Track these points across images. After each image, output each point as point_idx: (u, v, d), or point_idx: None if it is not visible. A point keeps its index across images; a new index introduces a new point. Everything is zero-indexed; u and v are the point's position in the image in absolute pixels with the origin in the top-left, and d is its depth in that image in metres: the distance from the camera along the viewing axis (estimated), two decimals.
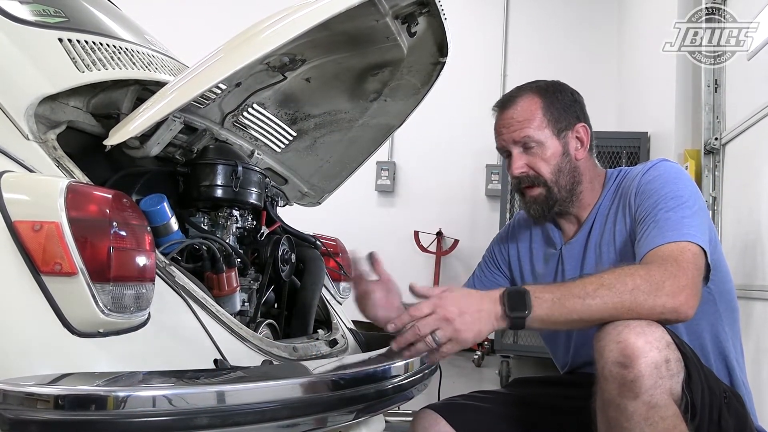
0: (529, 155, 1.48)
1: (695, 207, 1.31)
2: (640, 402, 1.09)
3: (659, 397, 1.09)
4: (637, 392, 1.09)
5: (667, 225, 1.28)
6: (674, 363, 1.11)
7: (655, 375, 1.09)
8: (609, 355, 1.12)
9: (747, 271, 2.80)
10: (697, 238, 1.25)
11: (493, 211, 5.92)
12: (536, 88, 1.52)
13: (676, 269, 1.19)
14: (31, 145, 1.28)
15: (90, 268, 1.06)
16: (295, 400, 1.11)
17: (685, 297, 1.17)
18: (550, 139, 1.48)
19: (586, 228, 1.52)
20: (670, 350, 1.11)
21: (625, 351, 1.10)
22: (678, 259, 1.21)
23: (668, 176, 1.38)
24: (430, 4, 1.60)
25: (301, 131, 2.07)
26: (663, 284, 1.16)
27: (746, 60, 3.06)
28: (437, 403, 1.53)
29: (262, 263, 1.79)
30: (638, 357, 1.09)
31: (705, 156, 3.41)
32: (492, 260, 1.72)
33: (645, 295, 1.16)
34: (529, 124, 1.47)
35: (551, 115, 1.49)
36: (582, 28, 6.32)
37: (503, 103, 1.53)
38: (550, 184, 1.48)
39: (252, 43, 1.33)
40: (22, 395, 0.90)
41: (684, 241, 1.24)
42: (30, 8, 1.47)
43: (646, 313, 1.15)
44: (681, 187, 1.35)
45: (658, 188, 1.36)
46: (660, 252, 1.24)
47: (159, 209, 1.48)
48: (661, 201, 1.33)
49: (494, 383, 4.33)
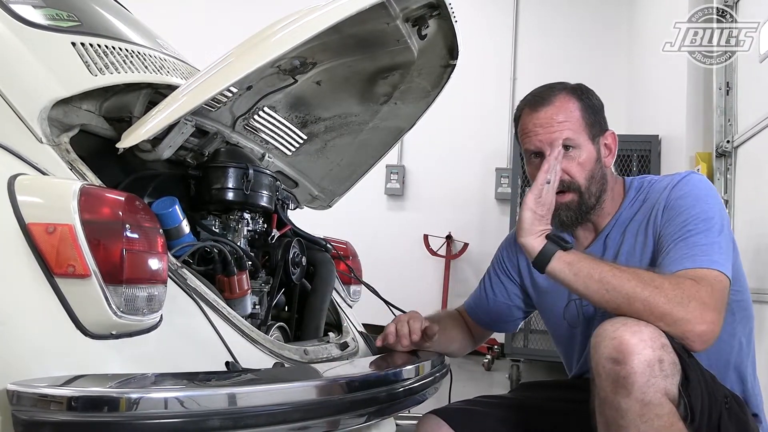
0: (565, 158, 1.41)
1: (724, 229, 1.30)
2: (633, 399, 1.09)
3: (653, 396, 1.09)
4: (630, 389, 1.09)
5: (698, 249, 1.26)
6: (668, 364, 1.11)
7: (648, 373, 1.09)
8: (603, 350, 1.13)
9: (760, 274, 2.78)
10: (725, 267, 1.24)
11: (502, 215, 5.91)
12: (570, 89, 1.46)
13: (708, 297, 1.17)
14: (44, 148, 1.29)
15: (103, 270, 1.06)
16: (307, 402, 1.11)
17: (705, 328, 1.16)
18: (586, 143, 1.42)
19: (603, 236, 1.49)
20: (664, 351, 1.11)
21: (619, 347, 1.11)
22: (713, 287, 1.19)
23: (699, 194, 1.35)
24: (440, 7, 1.59)
25: (312, 134, 2.08)
26: (689, 301, 1.16)
27: (758, 62, 3.04)
28: (441, 408, 1.53)
29: (272, 266, 1.79)
30: (631, 354, 1.10)
31: (717, 159, 3.39)
32: (501, 267, 1.70)
33: (665, 299, 1.16)
34: (569, 126, 1.41)
35: (587, 118, 1.43)
36: (592, 30, 6.30)
37: (536, 101, 1.44)
38: (583, 190, 1.43)
39: (263, 47, 1.34)
40: (35, 396, 0.90)
41: (716, 270, 1.22)
42: (43, 12, 1.49)
43: (656, 316, 1.15)
44: (712, 207, 1.32)
45: (688, 207, 1.33)
46: (692, 274, 1.22)
47: (171, 212, 1.48)
48: (691, 221, 1.30)
49: (504, 387, 4.32)
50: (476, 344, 1.78)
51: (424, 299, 5.43)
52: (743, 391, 1.38)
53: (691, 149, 3.70)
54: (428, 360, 1.49)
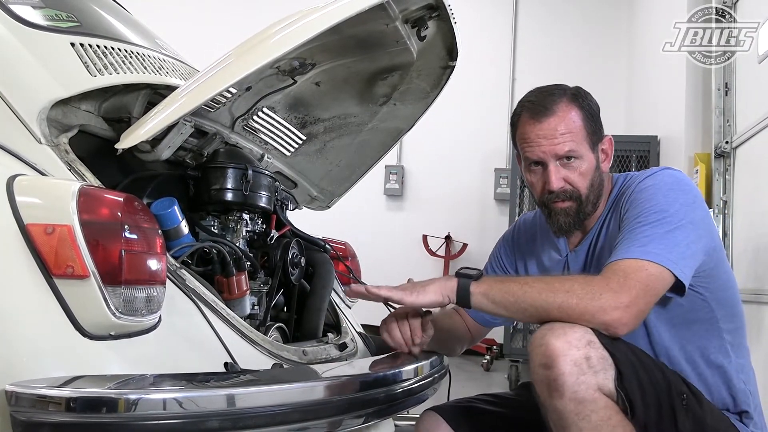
0: (567, 169, 1.41)
1: (680, 222, 1.28)
2: (567, 399, 1.12)
3: (584, 393, 1.12)
4: (562, 391, 1.12)
5: (636, 240, 1.27)
6: (596, 360, 1.13)
7: (576, 372, 1.12)
8: (534, 358, 1.17)
9: (758, 275, 2.79)
10: (661, 257, 1.23)
11: (501, 215, 5.92)
12: (571, 96, 1.43)
13: (620, 286, 1.20)
14: (43, 149, 1.29)
15: (102, 270, 1.06)
16: (305, 403, 1.11)
17: (620, 315, 1.18)
18: (587, 152, 1.42)
19: (591, 235, 1.50)
20: (591, 347, 1.14)
21: (546, 352, 1.14)
22: (628, 276, 1.21)
23: (661, 187, 1.34)
24: (440, 8, 1.60)
25: (311, 135, 2.08)
26: (600, 296, 1.19)
27: (757, 63, 3.05)
28: (441, 405, 1.53)
29: (271, 267, 1.79)
30: (558, 356, 1.13)
31: (716, 159, 3.39)
32: (499, 263, 1.71)
33: (577, 299, 1.19)
34: (573, 137, 1.39)
35: (589, 126, 1.42)
36: (591, 31, 6.31)
37: (538, 110, 1.42)
38: (583, 199, 1.43)
39: (262, 48, 1.34)
40: (34, 397, 0.90)
41: (645, 260, 1.23)
42: (43, 13, 1.49)
43: (575, 318, 1.19)
44: (670, 201, 1.31)
45: (646, 199, 1.34)
46: (615, 266, 1.25)
47: (170, 212, 1.48)
48: (642, 213, 1.31)
49: (503, 387, 4.32)
50: (473, 342, 1.77)
51: None
52: (729, 388, 1.37)
53: (690, 150, 3.70)
54: (427, 361, 1.49)
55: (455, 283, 1.33)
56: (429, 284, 1.36)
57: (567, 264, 1.54)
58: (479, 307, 1.32)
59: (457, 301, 1.33)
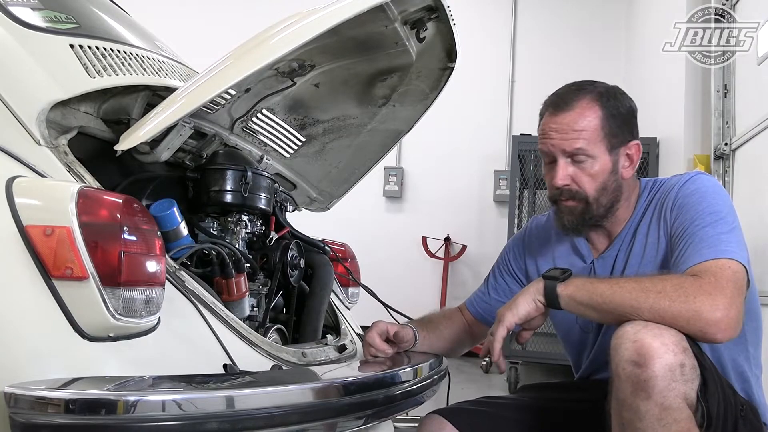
0: (576, 167, 1.39)
1: (734, 223, 1.29)
2: (653, 403, 1.08)
3: (672, 400, 1.08)
4: (650, 392, 1.08)
5: (704, 242, 1.24)
6: (689, 369, 1.10)
7: (669, 377, 1.08)
8: (624, 353, 1.12)
9: (759, 277, 2.77)
10: (736, 254, 1.22)
11: (501, 217, 5.90)
12: (597, 94, 1.40)
13: (712, 287, 1.15)
14: (42, 151, 1.29)
15: (101, 272, 1.06)
16: (305, 405, 1.10)
17: (720, 315, 1.13)
18: (602, 154, 1.39)
19: (619, 242, 1.48)
20: (686, 355, 1.10)
21: (640, 350, 1.10)
22: (717, 276, 1.17)
23: (706, 190, 1.34)
24: (439, 10, 1.60)
25: (310, 136, 2.08)
26: (694, 297, 1.14)
27: (756, 65, 3.05)
28: (444, 408, 1.52)
29: (271, 268, 1.79)
30: (653, 357, 1.08)
31: (715, 161, 3.39)
32: (507, 269, 1.69)
33: (669, 302, 1.14)
34: (585, 135, 1.37)
35: (609, 128, 1.39)
36: (590, 32, 6.30)
37: (558, 102, 1.40)
38: (591, 201, 1.40)
39: (261, 49, 1.34)
40: (32, 399, 0.90)
41: (723, 258, 1.21)
42: (41, 14, 1.48)
43: (667, 321, 1.14)
44: (720, 202, 1.31)
45: (695, 203, 1.33)
46: (697, 269, 1.20)
47: (169, 214, 1.48)
48: (698, 217, 1.30)
49: (503, 389, 4.32)
50: (474, 342, 1.77)
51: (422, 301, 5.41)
52: (751, 401, 1.36)
53: (689, 152, 3.70)
54: (426, 362, 1.49)
55: (542, 286, 1.30)
56: (518, 297, 1.33)
57: (594, 271, 1.51)
58: (568, 308, 1.28)
59: (546, 303, 1.30)
